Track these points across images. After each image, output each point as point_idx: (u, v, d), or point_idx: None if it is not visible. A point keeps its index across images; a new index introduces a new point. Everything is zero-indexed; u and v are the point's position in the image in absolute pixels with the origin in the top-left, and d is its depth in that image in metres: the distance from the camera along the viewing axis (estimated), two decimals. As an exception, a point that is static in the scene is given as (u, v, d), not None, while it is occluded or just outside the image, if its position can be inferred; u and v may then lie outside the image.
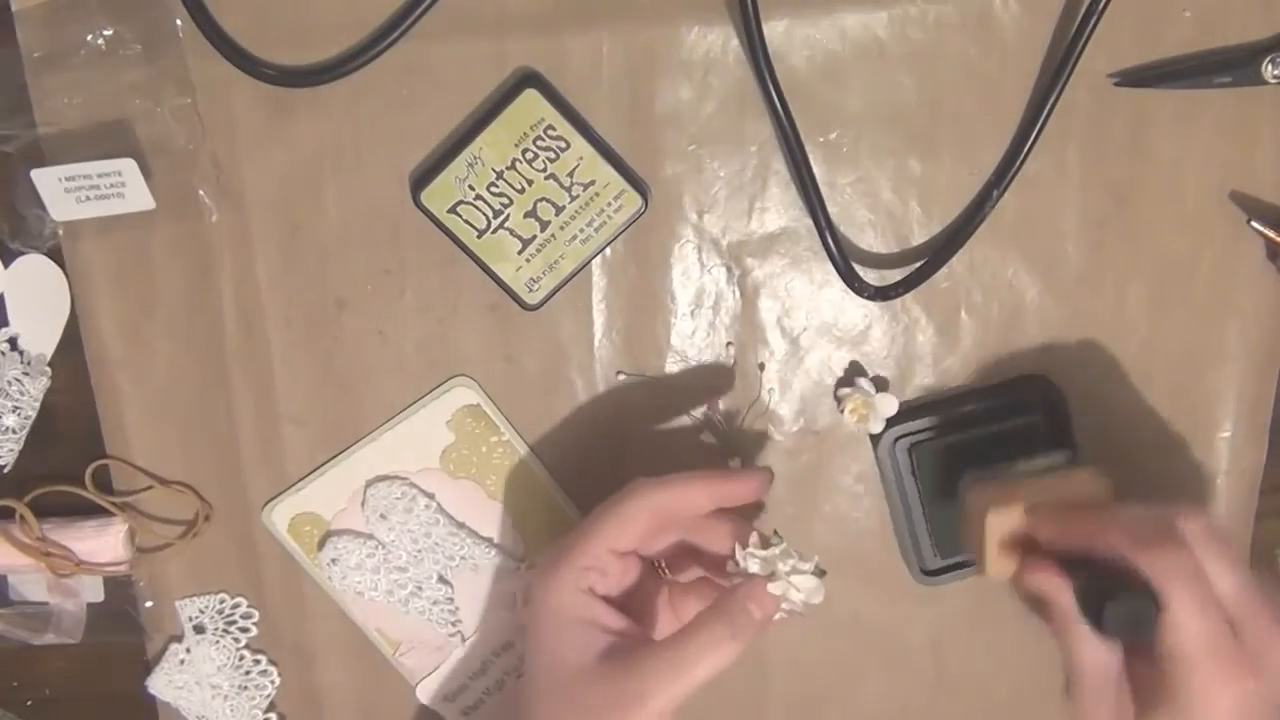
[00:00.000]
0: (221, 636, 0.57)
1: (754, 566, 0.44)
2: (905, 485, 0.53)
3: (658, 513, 0.45)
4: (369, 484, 0.55)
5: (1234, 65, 0.48)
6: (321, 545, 0.55)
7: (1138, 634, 0.40)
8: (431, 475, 0.55)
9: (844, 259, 0.51)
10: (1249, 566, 0.42)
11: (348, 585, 0.56)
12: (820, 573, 0.45)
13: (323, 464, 0.55)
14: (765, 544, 0.45)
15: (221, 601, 0.57)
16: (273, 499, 0.55)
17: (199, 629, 0.57)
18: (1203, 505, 0.45)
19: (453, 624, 0.56)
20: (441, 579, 0.56)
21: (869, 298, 0.51)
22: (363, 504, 0.55)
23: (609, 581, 0.46)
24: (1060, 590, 0.43)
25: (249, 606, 0.57)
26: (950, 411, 0.53)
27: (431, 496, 0.55)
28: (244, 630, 0.57)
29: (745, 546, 0.45)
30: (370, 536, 0.55)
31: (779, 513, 0.55)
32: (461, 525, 0.55)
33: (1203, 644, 0.40)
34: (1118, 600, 0.40)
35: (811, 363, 0.53)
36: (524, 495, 0.55)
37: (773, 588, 0.44)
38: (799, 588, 0.44)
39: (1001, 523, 0.46)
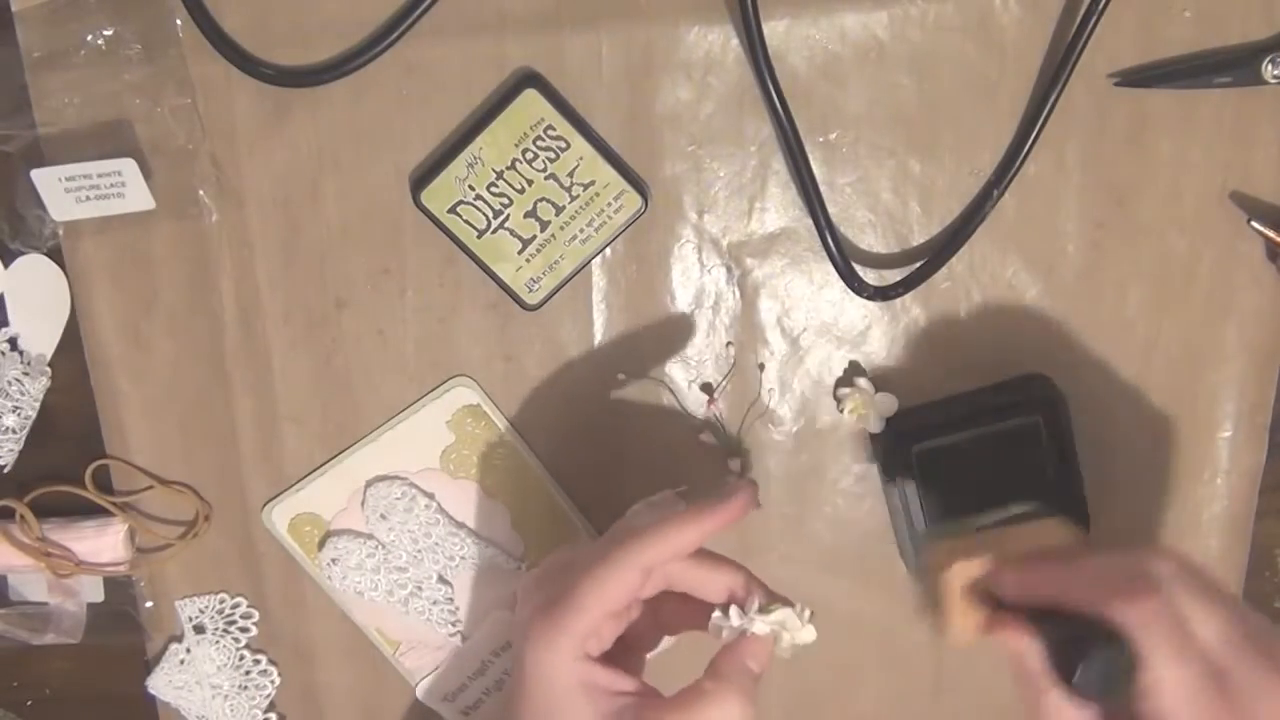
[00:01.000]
0: (221, 636, 0.57)
1: (760, 628, 0.42)
2: (905, 486, 0.53)
3: (647, 570, 0.42)
4: (369, 484, 0.55)
5: (1234, 65, 0.48)
6: (321, 545, 0.55)
7: (1114, 692, 0.37)
8: (431, 475, 0.55)
9: (844, 259, 0.51)
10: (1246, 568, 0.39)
11: (348, 585, 0.56)
12: (811, 615, 0.43)
13: (322, 464, 0.55)
14: (767, 608, 0.42)
15: (221, 601, 0.57)
16: (272, 499, 0.55)
17: (199, 629, 0.57)
18: (1176, 548, 0.41)
19: (452, 624, 0.56)
20: (441, 579, 0.56)
21: (869, 298, 0.51)
22: (362, 504, 0.55)
23: (605, 639, 0.43)
24: (1028, 649, 0.39)
25: (249, 606, 0.57)
26: (950, 412, 0.53)
27: (431, 496, 0.55)
28: (244, 630, 0.57)
29: (745, 608, 0.42)
30: (370, 536, 0.55)
31: (779, 513, 0.55)
32: (461, 525, 0.55)
33: (1184, 699, 0.36)
34: (1090, 656, 0.37)
35: (811, 363, 0.53)
36: (524, 495, 0.55)
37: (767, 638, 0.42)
38: (798, 641, 0.42)
39: (961, 577, 0.42)
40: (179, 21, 0.49)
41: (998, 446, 0.52)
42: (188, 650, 0.57)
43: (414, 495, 0.55)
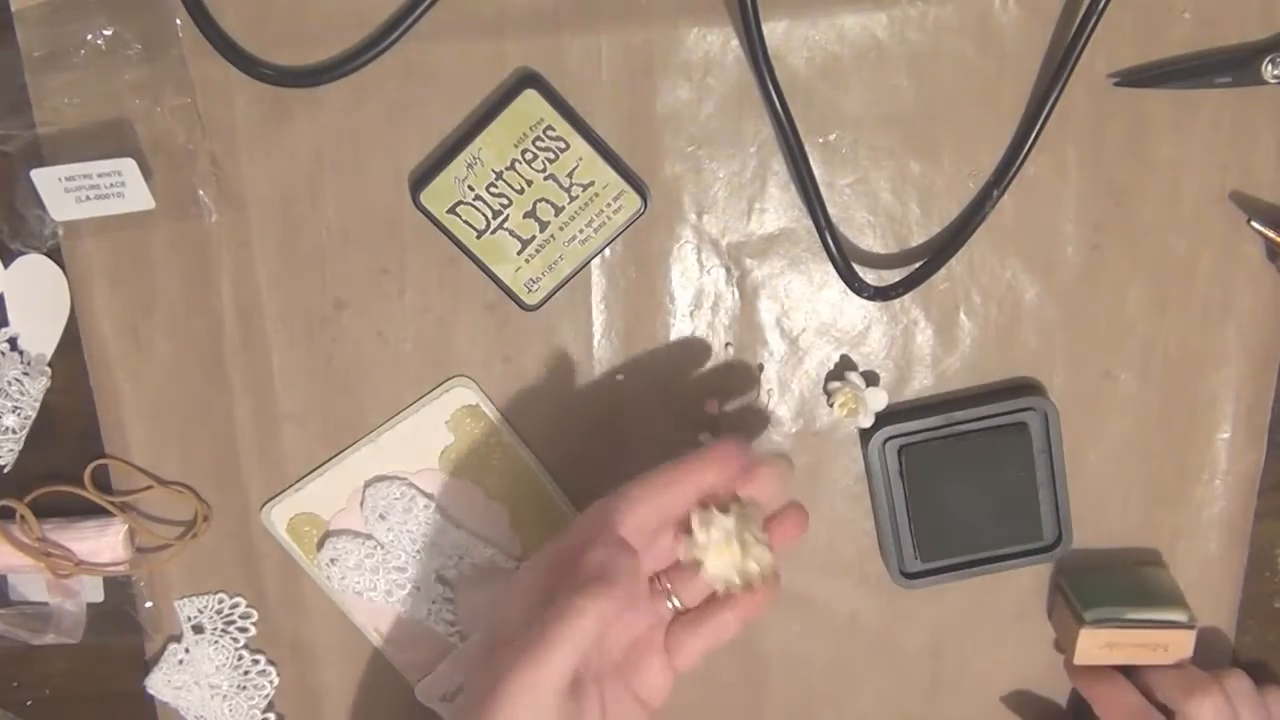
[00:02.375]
0: (220, 636, 0.57)
1: (715, 535, 0.42)
2: (892, 486, 0.53)
3: (605, 627, 0.41)
4: (368, 484, 0.55)
5: (1234, 65, 0.48)
6: (320, 545, 0.56)
7: None
8: (430, 475, 0.55)
9: (844, 259, 0.51)
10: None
11: (347, 585, 0.56)
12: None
13: (322, 464, 0.55)
14: (724, 509, 0.43)
15: (220, 601, 0.57)
16: (272, 499, 0.55)
17: (198, 629, 0.57)
18: (1244, 674, 0.52)
19: (451, 624, 0.57)
20: (440, 579, 0.56)
21: (869, 298, 0.51)
22: (361, 504, 0.55)
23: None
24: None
25: (248, 606, 0.57)
26: (940, 415, 0.53)
27: (430, 497, 0.55)
28: (243, 630, 0.57)
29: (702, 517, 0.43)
30: (369, 537, 0.55)
31: (778, 513, 0.55)
32: (460, 525, 0.55)
33: None
34: None
35: (810, 363, 0.53)
36: (522, 495, 0.55)
37: (724, 565, 0.43)
38: (759, 560, 0.43)
39: (1097, 655, 0.53)
40: (179, 21, 0.49)
41: (986, 450, 0.52)
42: (186, 650, 0.57)
43: (413, 495, 0.55)
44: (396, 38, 0.49)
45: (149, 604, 0.57)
